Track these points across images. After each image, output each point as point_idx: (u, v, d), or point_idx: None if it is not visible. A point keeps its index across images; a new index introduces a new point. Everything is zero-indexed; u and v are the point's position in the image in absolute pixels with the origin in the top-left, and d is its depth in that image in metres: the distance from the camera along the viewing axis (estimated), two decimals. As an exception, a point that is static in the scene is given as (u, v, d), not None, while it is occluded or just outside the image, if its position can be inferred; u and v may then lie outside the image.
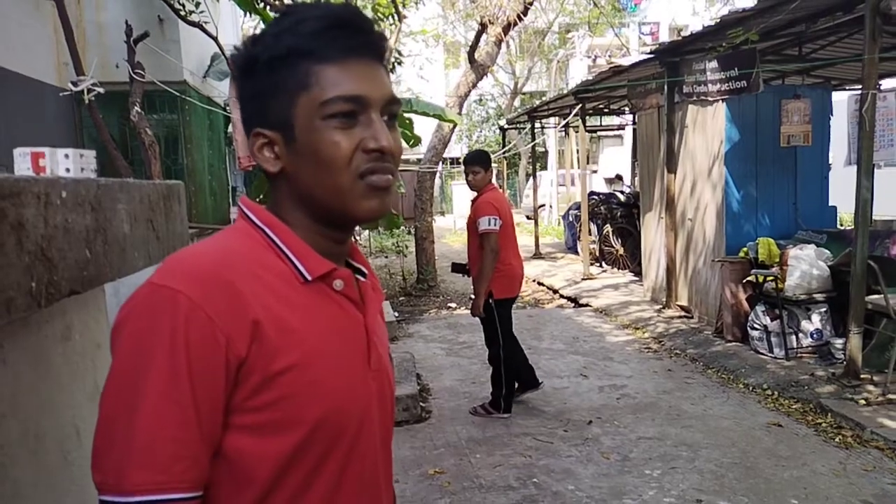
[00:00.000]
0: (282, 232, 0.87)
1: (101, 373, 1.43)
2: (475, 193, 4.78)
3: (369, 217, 0.89)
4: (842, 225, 8.20)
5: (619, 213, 11.10)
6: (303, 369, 0.81)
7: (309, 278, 0.86)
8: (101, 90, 4.92)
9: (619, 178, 14.32)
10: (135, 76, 5.07)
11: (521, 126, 16.43)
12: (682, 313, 7.38)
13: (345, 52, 0.85)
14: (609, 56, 20.81)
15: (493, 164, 5.15)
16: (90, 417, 1.37)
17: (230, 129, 7.09)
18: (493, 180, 5.08)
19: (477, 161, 4.79)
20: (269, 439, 0.80)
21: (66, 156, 1.45)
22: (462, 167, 4.95)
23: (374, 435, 0.92)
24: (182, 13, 5.90)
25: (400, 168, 0.96)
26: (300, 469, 0.83)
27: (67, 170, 1.45)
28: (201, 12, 6.01)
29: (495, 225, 4.53)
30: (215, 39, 5.94)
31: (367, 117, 0.86)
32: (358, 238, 13.64)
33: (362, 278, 0.97)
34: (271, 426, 0.80)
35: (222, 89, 7.46)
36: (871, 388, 4.64)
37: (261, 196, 6.95)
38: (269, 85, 0.86)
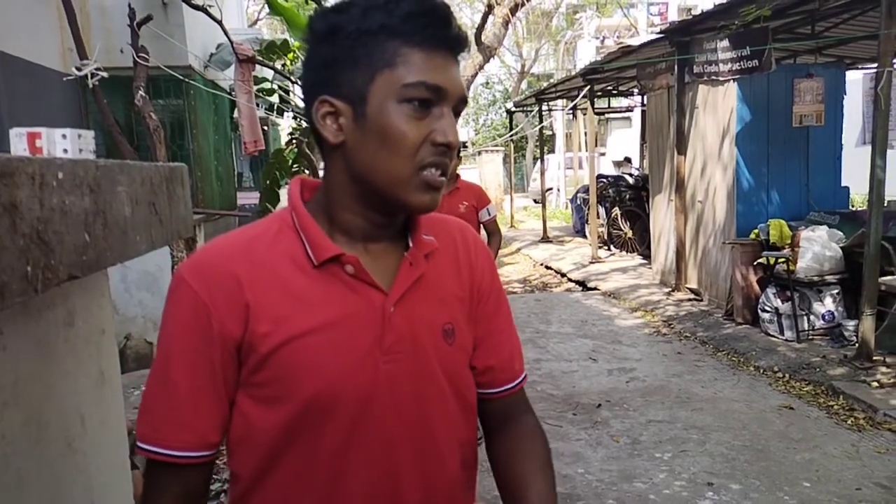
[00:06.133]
0: (301, 216, 0.92)
1: (105, 359, 1.41)
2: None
3: (421, 210, 0.91)
4: (854, 206, 8.10)
5: (627, 196, 11.03)
6: (293, 352, 0.87)
7: (316, 263, 0.89)
8: (105, 74, 4.88)
9: (627, 160, 14.20)
10: (138, 60, 5.02)
11: (529, 109, 16.31)
12: (692, 296, 7.34)
13: (434, 41, 0.86)
14: (618, 37, 20.60)
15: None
16: (94, 404, 1.34)
17: (236, 114, 7.04)
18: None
19: None
20: (267, 409, 0.89)
21: (64, 136, 1.41)
22: (465, 151, 4.83)
23: (387, 418, 0.91)
24: (186, -4, 5.83)
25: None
26: (297, 444, 0.89)
27: (65, 150, 1.42)
28: (205, -4, 5.94)
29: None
30: (220, 23, 5.87)
31: (441, 110, 0.87)
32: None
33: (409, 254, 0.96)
34: (269, 399, 0.89)
35: (228, 74, 7.40)
36: (883, 369, 4.60)
37: (267, 182, 6.92)
38: (349, 56, 0.86)
